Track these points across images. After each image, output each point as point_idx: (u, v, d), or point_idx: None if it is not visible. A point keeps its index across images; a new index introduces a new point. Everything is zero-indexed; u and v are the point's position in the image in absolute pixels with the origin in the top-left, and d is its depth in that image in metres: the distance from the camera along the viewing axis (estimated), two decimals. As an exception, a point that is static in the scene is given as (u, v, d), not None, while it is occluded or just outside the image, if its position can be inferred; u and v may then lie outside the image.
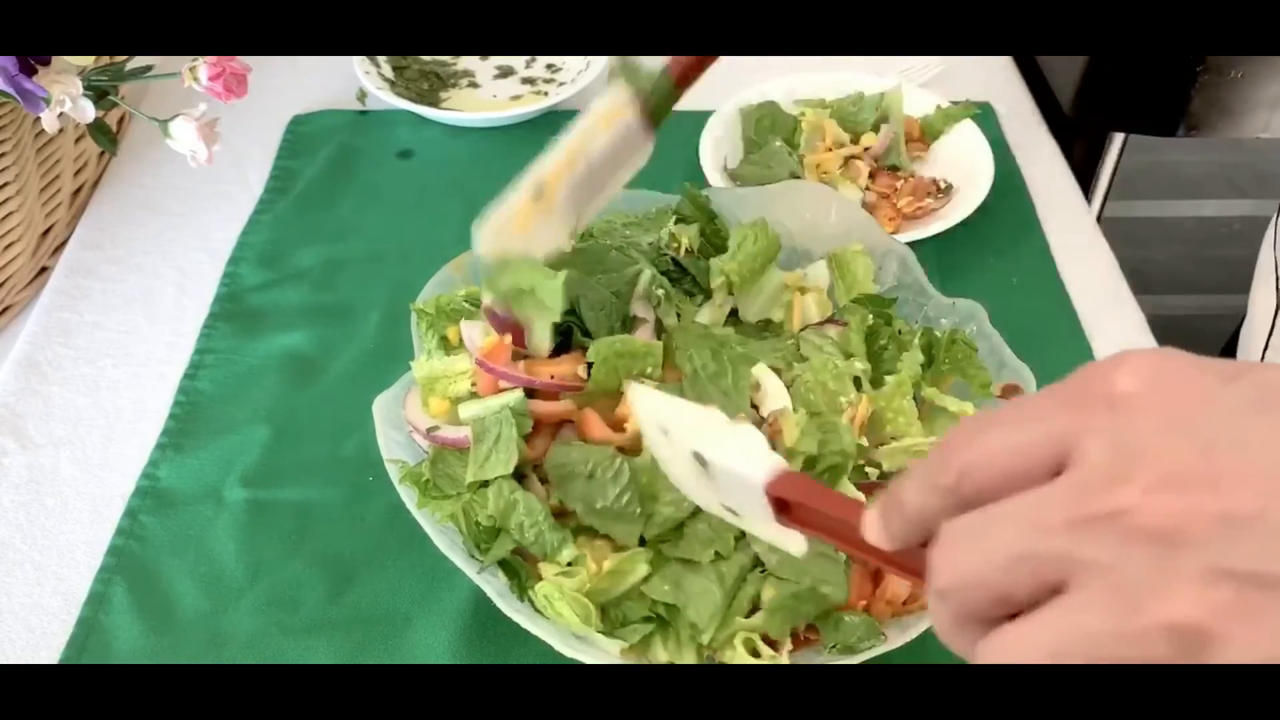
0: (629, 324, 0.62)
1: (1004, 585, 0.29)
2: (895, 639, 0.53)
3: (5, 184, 0.75)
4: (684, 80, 0.58)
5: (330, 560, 0.64)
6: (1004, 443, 0.30)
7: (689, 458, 0.44)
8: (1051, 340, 0.77)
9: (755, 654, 0.53)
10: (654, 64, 0.58)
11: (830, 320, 0.65)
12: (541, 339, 0.59)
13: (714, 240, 0.68)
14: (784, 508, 0.38)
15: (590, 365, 0.58)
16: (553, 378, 0.58)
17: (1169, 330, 0.86)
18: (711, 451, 0.42)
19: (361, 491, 0.67)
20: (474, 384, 0.60)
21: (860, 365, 0.60)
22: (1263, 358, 0.81)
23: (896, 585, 0.55)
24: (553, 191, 0.58)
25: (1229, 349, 0.91)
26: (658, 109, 0.58)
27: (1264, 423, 0.27)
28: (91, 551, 0.64)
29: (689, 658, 0.54)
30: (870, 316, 0.63)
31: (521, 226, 0.58)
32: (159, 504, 0.67)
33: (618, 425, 0.58)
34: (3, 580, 0.63)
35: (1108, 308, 0.80)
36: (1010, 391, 0.61)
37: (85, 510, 0.67)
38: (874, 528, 0.34)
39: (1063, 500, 0.28)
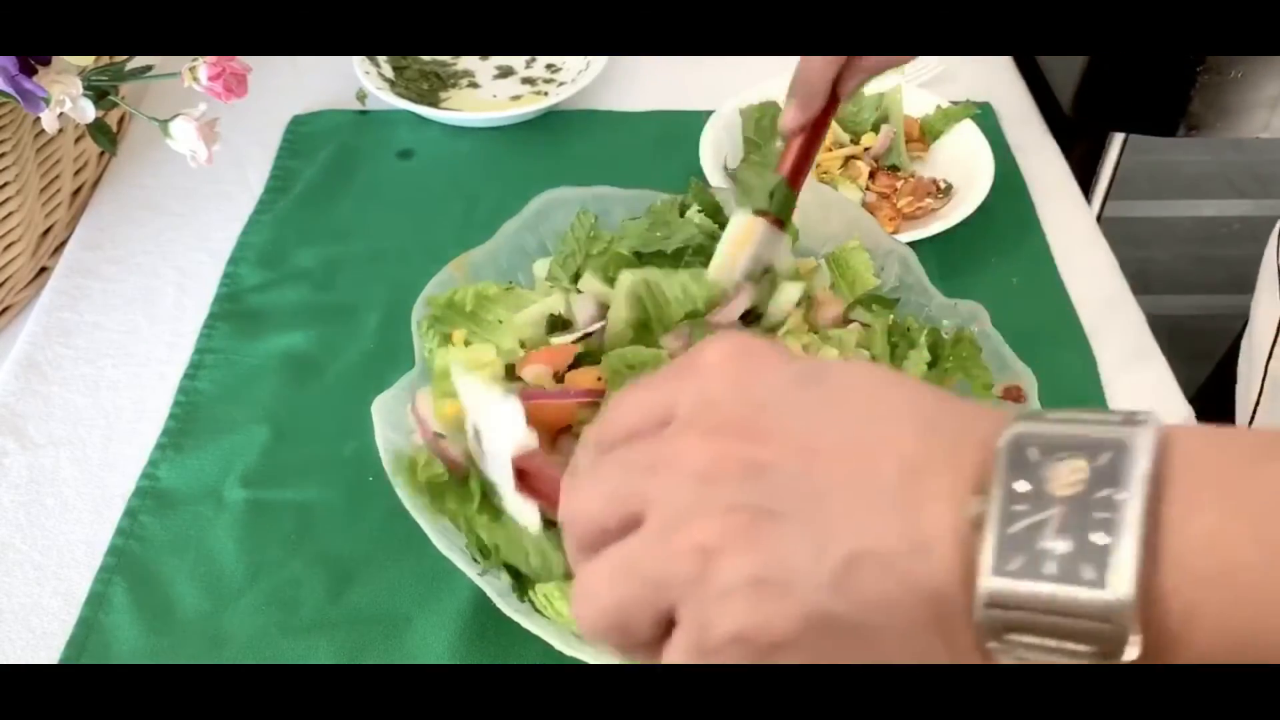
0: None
1: (600, 518, 0.34)
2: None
3: (5, 184, 0.75)
4: (796, 180, 0.60)
5: (330, 560, 0.64)
6: (631, 403, 0.36)
7: (472, 432, 0.48)
8: (1052, 340, 0.77)
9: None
10: (768, 178, 0.60)
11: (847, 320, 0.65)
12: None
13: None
14: (524, 478, 0.43)
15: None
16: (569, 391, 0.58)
17: (1169, 330, 0.86)
18: (482, 424, 0.46)
19: (361, 492, 0.67)
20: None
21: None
22: (1265, 370, 0.80)
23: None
24: None
25: (1231, 355, 0.90)
26: (782, 211, 0.60)
27: (804, 395, 0.33)
28: (91, 551, 0.64)
29: (690, 659, 0.54)
30: (891, 317, 0.64)
31: None
32: (159, 504, 0.67)
33: None
34: (3, 580, 0.63)
35: (1108, 308, 0.80)
36: (1012, 393, 0.61)
37: (85, 510, 0.67)
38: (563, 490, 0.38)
39: (648, 448, 0.34)
